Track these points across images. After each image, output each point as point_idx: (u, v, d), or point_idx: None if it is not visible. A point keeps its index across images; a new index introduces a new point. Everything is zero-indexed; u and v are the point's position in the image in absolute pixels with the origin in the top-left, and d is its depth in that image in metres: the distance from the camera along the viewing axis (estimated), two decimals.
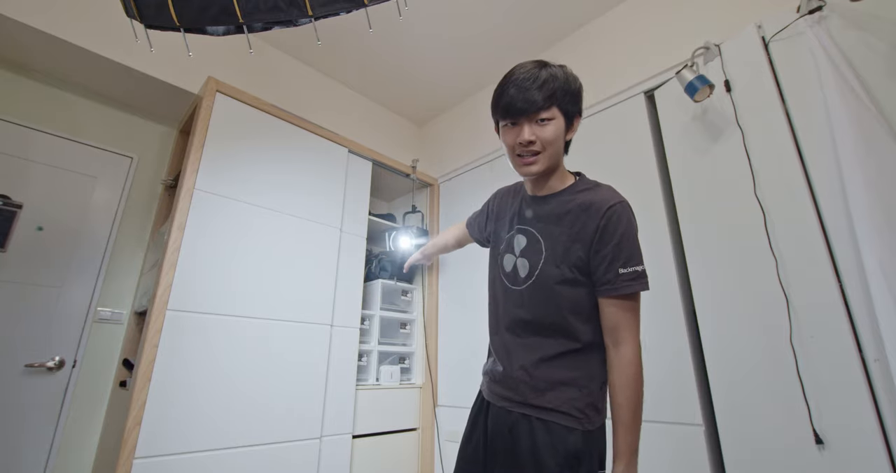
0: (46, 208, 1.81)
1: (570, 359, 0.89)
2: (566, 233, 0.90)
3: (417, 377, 2.42)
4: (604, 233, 0.85)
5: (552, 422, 0.85)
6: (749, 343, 1.31)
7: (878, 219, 1.10)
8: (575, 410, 0.85)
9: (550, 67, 0.91)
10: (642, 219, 1.64)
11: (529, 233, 0.97)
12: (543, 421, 0.86)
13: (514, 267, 0.98)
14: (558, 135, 0.92)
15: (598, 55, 2.12)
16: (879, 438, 1.04)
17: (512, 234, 1.02)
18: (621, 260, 0.85)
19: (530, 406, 0.88)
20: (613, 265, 0.85)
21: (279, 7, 1.12)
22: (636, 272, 0.85)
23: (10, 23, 1.60)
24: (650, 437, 1.45)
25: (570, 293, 0.89)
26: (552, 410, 0.86)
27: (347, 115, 2.67)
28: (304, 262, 1.95)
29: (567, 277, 0.88)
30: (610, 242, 0.85)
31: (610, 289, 0.85)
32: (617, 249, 0.85)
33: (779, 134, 1.37)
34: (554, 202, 0.95)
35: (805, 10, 1.35)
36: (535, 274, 0.92)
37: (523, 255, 0.97)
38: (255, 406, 1.65)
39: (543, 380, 0.88)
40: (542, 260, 0.92)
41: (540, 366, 0.89)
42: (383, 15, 1.70)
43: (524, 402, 0.89)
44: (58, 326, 1.75)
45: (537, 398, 0.88)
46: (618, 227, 0.85)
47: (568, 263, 0.88)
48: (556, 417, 0.85)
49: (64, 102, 1.95)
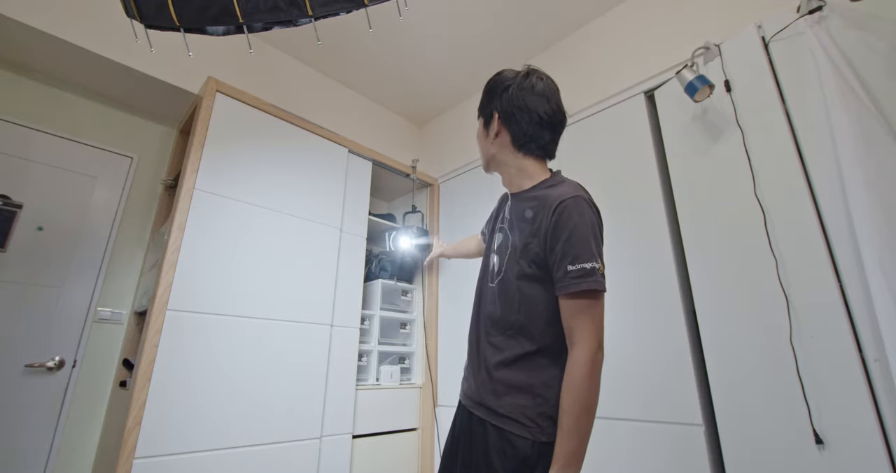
0: (46, 208, 1.81)
1: (529, 364, 0.87)
2: (527, 228, 0.90)
3: (417, 377, 2.42)
4: (555, 229, 0.84)
5: (503, 429, 0.84)
6: (749, 343, 1.31)
7: (878, 219, 1.10)
8: (525, 418, 0.83)
9: None
10: (642, 219, 1.66)
11: (504, 231, 0.99)
12: (496, 427, 0.85)
13: (492, 264, 1.00)
14: (479, 137, 1.05)
15: (598, 55, 2.12)
16: (879, 438, 1.04)
17: (494, 233, 1.06)
18: (570, 258, 0.82)
19: (487, 409, 0.88)
20: (563, 262, 0.82)
21: (279, 7, 1.12)
22: (584, 269, 0.80)
23: (10, 23, 1.60)
24: (650, 437, 1.45)
25: (529, 290, 0.88)
26: (504, 416, 0.85)
27: (347, 115, 2.67)
28: (304, 262, 1.95)
29: (525, 272, 0.88)
30: (560, 238, 0.83)
31: (560, 288, 0.83)
32: (567, 245, 0.82)
33: (779, 134, 1.36)
34: (521, 198, 0.98)
35: (805, 10, 1.35)
36: (503, 270, 0.94)
37: (498, 252, 0.99)
38: (255, 406, 1.64)
39: (501, 384, 0.88)
40: (507, 256, 0.93)
41: (500, 368, 0.89)
42: (383, 15, 1.70)
43: (482, 403, 0.89)
44: (58, 326, 1.75)
45: (494, 401, 0.87)
46: (567, 223, 0.83)
47: (526, 258, 0.88)
48: (507, 424, 0.84)
49: (64, 102, 1.95)
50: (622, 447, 1.50)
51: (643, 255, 1.63)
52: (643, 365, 1.52)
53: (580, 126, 2.01)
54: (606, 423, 1.55)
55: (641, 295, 1.59)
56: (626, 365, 1.56)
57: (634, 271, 1.62)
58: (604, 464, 1.51)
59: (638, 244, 1.65)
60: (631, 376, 1.54)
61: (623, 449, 1.50)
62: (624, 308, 1.60)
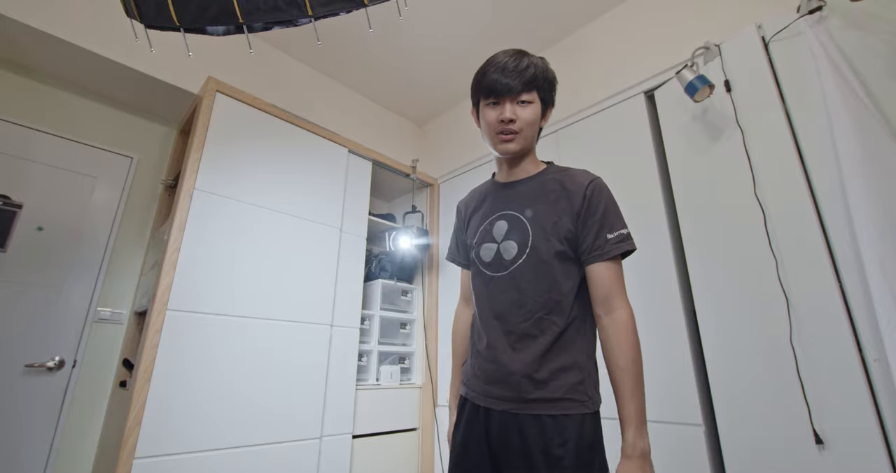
0: (46, 208, 1.81)
1: (565, 342, 0.88)
2: (552, 209, 0.94)
3: (417, 377, 2.42)
4: (590, 205, 0.91)
5: (560, 415, 0.83)
6: (749, 343, 1.31)
7: (878, 219, 1.10)
8: (580, 395, 0.85)
9: (531, 56, 0.96)
10: (642, 219, 1.65)
11: (510, 216, 0.98)
12: (552, 417, 0.84)
13: (495, 253, 0.98)
14: (536, 118, 0.96)
15: (598, 55, 2.11)
16: (879, 438, 1.04)
17: (490, 223, 1.01)
18: (607, 227, 0.90)
19: (534, 401, 0.86)
20: (602, 232, 0.90)
21: (279, 7, 1.12)
22: (622, 235, 0.90)
23: (9, 23, 1.60)
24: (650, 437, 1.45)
25: (561, 267, 0.91)
26: (559, 400, 0.84)
27: (347, 115, 2.67)
28: (304, 262, 1.95)
29: (558, 249, 0.91)
30: (597, 212, 0.91)
31: (601, 255, 0.89)
32: (603, 217, 0.90)
33: (779, 134, 1.37)
34: (532, 183, 1.00)
35: (805, 10, 1.35)
36: (526, 252, 0.93)
37: (508, 238, 0.97)
38: (254, 406, 1.64)
39: (546, 369, 0.87)
40: (530, 238, 0.94)
41: (538, 352, 0.88)
42: (383, 15, 1.70)
43: (526, 399, 0.86)
44: (58, 326, 1.75)
45: (541, 391, 0.85)
46: (601, 199, 0.92)
47: (558, 236, 0.91)
48: (565, 407, 0.84)
49: (64, 102, 1.95)
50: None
51: (643, 255, 1.62)
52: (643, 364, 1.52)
53: (580, 125, 2.01)
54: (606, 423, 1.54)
55: (641, 295, 1.59)
56: None
57: (634, 271, 1.62)
58: None
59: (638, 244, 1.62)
60: None
61: None
62: None
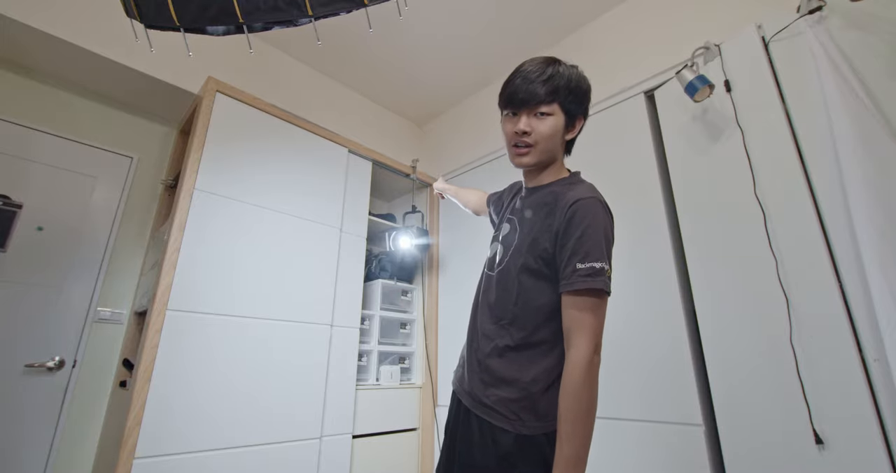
0: (46, 208, 1.80)
1: (518, 356, 0.87)
2: (538, 223, 0.90)
3: (417, 377, 2.42)
4: (568, 226, 0.83)
5: (486, 420, 0.85)
6: (749, 343, 1.31)
7: (878, 218, 1.10)
8: (508, 411, 0.83)
9: (559, 65, 0.92)
10: (642, 219, 1.66)
11: (512, 222, 1.00)
12: (479, 418, 0.87)
13: (494, 253, 1.01)
14: (555, 131, 0.92)
15: (598, 55, 2.11)
16: (879, 438, 1.04)
17: (501, 222, 1.06)
18: (580, 255, 0.80)
19: (473, 398, 0.90)
20: (572, 260, 0.81)
21: (279, 7, 1.12)
22: (593, 268, 0.79)
23: (9, 23, 1.60)
24: (650, 437, 1.45)
25: (530, 283, 0.88)
26: (488, 407, 0.86)
27: (347, 115, 2.67)
28: (303, 262, 1.95)
29: (530, 266, 0.88)
30: (572, 236, 0.82)
31: (566, 285, 0.81)
32: (578, 243, 0.81)
33: (779, 134, 1.37)
34: (538, 193, 0.98)
35: (805, 10, 1.35)
36: (505, 260, 0.94)
37: (503, 242, 0.99)
38: (254, 406, 1.64)
39: (489, 373, 0.89)
40: (513, 247, 0.94)
41: (490, 358, 0.90)
42: (383, 15, 1.69)
43: (470, 393, 0.91)
44: (58, 326, 1.75)
45: (481, 391, 0.88)
46: (582, 222, 0.82)
47: (533, 253, 0.88)
48: (490, 415, 0.85)
49: (64, 102, 1.95)
50: (622, 447, 1.50)
51: (643, 255, 1.63)
52: (643, 365, 1.52)
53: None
54: (606, 423, 1.55)
55: (641, 295, 1.59)
56: (627, 365, 1.56)
57: (634, 271, 1.62)
58: (604, 464, 1.51)
59: (638, 244, 1.65)
60: (631, 376, 1.54)
61: (623, 449, 1.50)
62: (624, 308, 1.60)
